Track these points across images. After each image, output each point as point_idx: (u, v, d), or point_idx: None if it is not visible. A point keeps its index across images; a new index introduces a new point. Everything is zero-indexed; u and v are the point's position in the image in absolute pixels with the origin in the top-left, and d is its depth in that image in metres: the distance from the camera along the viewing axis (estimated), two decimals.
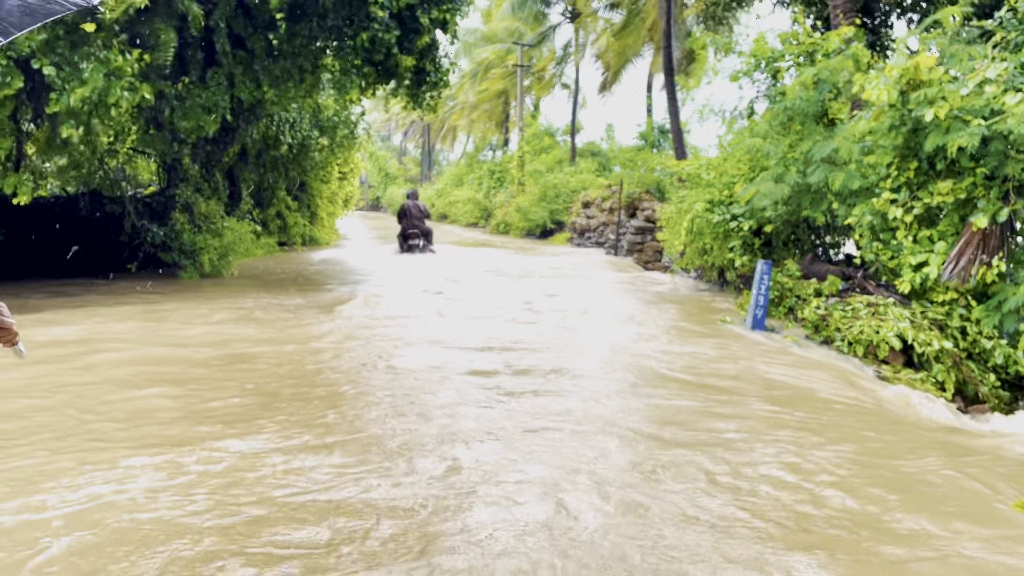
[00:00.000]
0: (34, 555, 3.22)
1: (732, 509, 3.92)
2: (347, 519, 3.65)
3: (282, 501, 3.84)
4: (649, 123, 31.81)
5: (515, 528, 3.62)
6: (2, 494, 3.81)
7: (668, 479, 4.31)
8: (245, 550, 3.32)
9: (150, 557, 3.23)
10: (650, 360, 7.57)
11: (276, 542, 3.41)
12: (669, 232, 14.23)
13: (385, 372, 6.82)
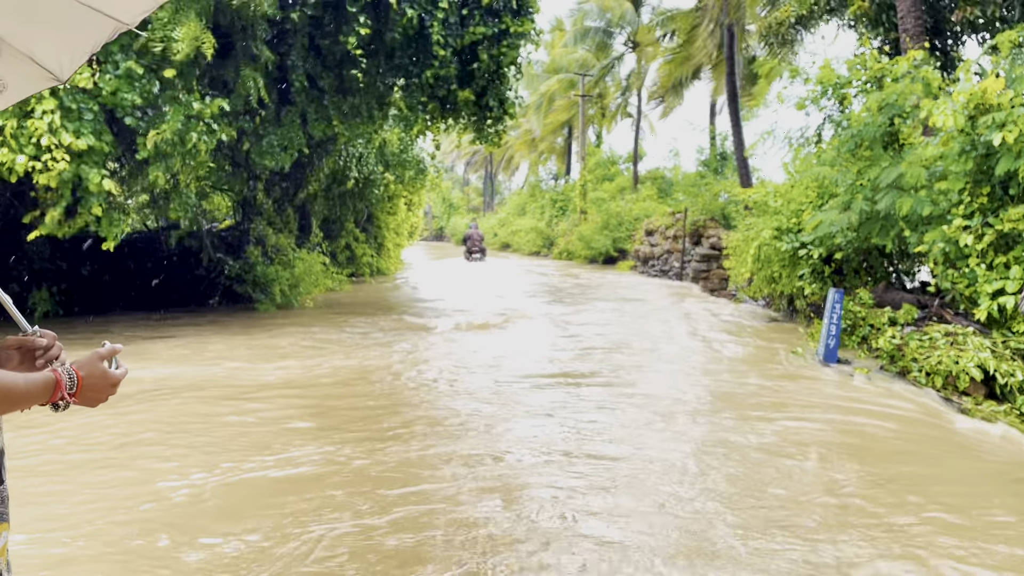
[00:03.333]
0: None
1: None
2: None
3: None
4: (712, 149, 31.60)
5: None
6: (172, 475, 4.80)
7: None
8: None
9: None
10: (720, 391, 7.51)
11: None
12: (735, 260, 14.10)
13: (475, 398, 6.93)
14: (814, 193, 11.55)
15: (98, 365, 1.65)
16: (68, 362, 1.67)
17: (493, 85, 14.59)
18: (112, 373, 1.67)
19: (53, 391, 1.58)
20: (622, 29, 35.97)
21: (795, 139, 12.36)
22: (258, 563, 3.64)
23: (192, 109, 10.39)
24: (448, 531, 4.02)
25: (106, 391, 1.67)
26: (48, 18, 1.83)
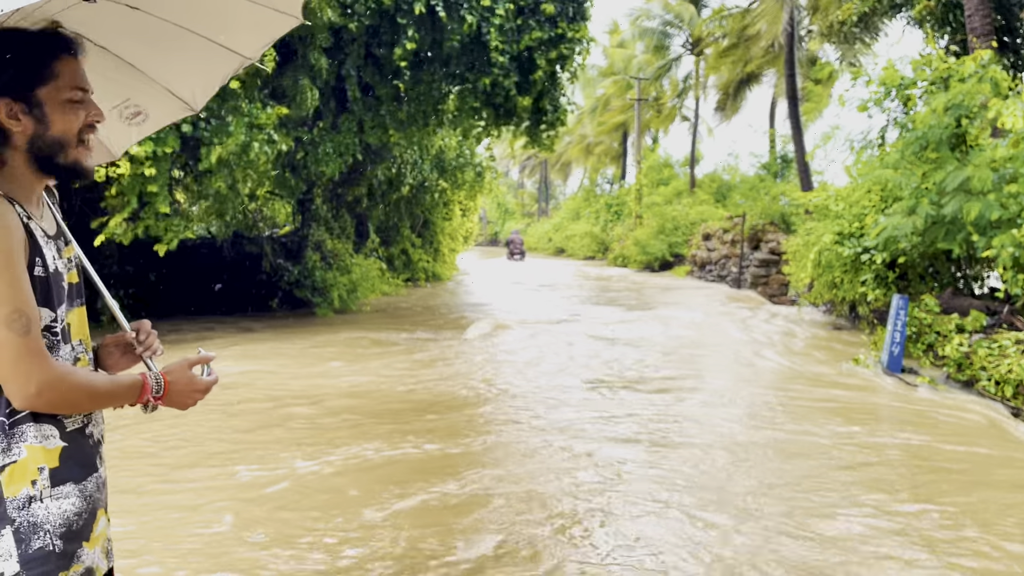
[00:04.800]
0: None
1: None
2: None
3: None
4: (772, 152, 31.07)
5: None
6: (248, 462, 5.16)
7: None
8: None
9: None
10: (780, 399, 7.37)
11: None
12: (795, 265, 13.83)
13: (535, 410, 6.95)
14: (877, 197, 11.27)
15: (186, 371, 1.73)
16: (158, 366, 1.76)
17: (548, 90, 14.60)
18: (199, 380, 1.75)
19: (139, 393, 1.68)
20: (681, 30, 35.64)
21: (857, 142, 12.07)
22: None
23: (255, 119, 10.64)
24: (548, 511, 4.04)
25: (192, 396, 1.75)
26: (187, 56, 1.99)
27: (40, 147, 1.64)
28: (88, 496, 1.69)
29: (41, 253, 1.64)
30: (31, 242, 1.62)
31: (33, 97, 1.61)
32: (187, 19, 1.89)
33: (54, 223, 1.74)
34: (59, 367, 1.59)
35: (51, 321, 1.63)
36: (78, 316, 1.74)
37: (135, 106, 2.11)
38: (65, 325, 1.68)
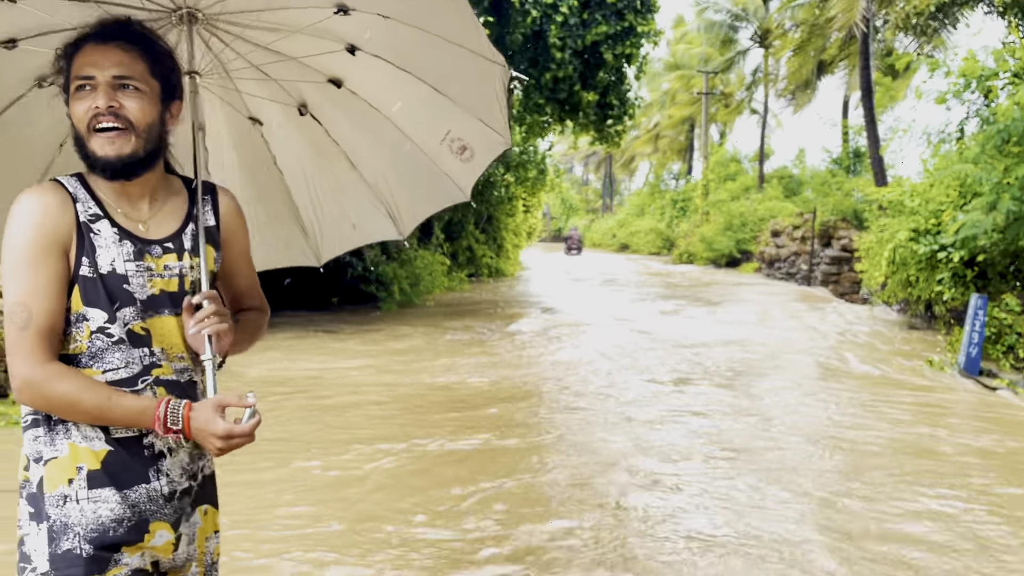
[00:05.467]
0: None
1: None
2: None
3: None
4: (844, 146, 30.22)
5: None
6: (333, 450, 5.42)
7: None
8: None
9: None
10: (854, 402, 7.18)
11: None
12: (868, 262, 13.43)
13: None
14: (955, 192, 10.85)
15: (207, 411, 1.54)
16: (183, 402, 1.58)
17: (615, 85, 14.50)
18: (216, 424, 1.53)
19: (151, 423, 1.55)
20: (748, 22, 34.93)
21: (934, 135, 11.66)
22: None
23: None
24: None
25: (208, 441, 1.55)
26: (482, 84, 2.03)
27: (76, 139, 1.64)
28: (133, 505, 1.62)
29: (92, 254, 1.61)
30: (80, 241, 1.60)
31: (68, 94, 1.64)
32: (464, 39, 1.91)
33: (170, 227, 1.71)
34: (47, 369, 1.54)
35: (105, 323, 1.59)
36: (163, 324, 1.65)
37: (459, 139, 2.17)
38: (132, 330, 1.61)
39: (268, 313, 1.99)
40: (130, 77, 1.61)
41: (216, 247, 1.79)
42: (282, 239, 2.43)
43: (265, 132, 2.23)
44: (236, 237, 1.86)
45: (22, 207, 1.59)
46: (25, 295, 1.54)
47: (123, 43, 1.61)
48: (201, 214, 1.73)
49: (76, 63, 1.61)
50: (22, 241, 1.56)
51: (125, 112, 1.60)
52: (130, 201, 1.69)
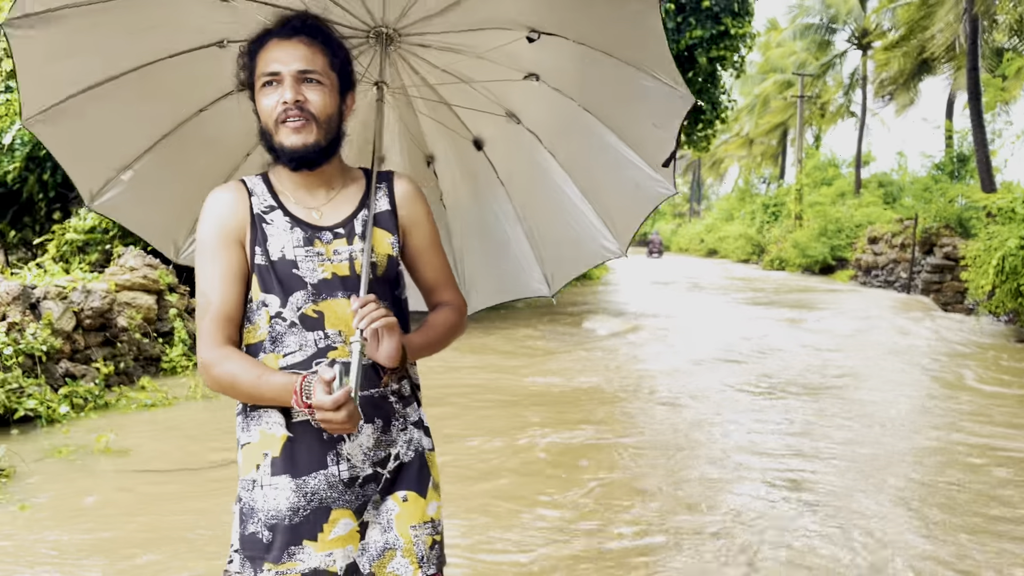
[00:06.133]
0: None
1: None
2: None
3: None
4: (948, 150, 29.04)
5: None
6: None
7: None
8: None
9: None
10: (959, 415, 7.00)
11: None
12: (975, 271, 12.95)
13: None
14: None
15: (314, 386, 1.51)
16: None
17: (707, 88, 14.38)
18: (318, 398, 1.49)
19: (291, 397, 1.55)
20: (845, 24, 33.98)
21: None
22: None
23: None
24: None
25: (318, 415, 1.50)
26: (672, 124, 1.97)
27: (262, 133, 1.71)
28: (310, 493, 1.64)
29: (264, 243, 1.69)
30: (254, 232, 1.69)
31: (253, 90, 1.73)
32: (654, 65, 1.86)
33: (342, 213, 1.75)
34: (218, 352, 1.62)
35: (280, 307, 1.65)
36: (336, 306, 1.67)
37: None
38: (304, 314, 1.66)
39: (462, 311, 1.91)
40: (312, 71, 1.67)
41: (392, 231, 1.79)
42: (511, 268, 2.38)
43: (488, 152, 2.22)
44: (417, 223, 1.84)
45: (204, 206, 1.73)
46: (206, 285, 1.67)
47: (305, 38, 1.68)
48: (373, 200, 1.75)
49: (261, 59, 1.68)
50: (203, 236, 1.70)
51: (309, 105, 1.66)
52: (308, 190, 1.76)
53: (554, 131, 2.14)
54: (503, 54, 1.95)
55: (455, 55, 1.97)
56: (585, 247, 2.27)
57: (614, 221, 2.22)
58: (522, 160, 2.20)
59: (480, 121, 2.16)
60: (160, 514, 4.38)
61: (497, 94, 2.09)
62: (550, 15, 1.84)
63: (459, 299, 1.92)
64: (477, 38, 1.92)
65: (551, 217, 2.25)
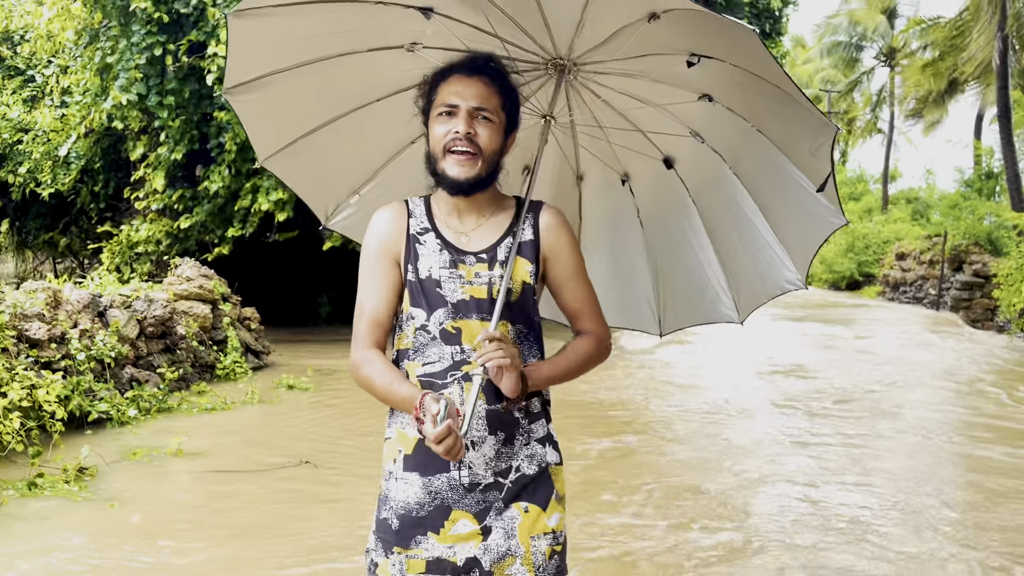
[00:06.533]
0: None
1: None
2: None
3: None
4: (977, 168, 28.99)
5: None
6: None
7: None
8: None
9: None
10: (991, 437, 7.14)
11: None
12: (1006, 289, 13.04)
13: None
14: None
15: (427, 416, 1.66)
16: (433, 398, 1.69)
17: None
18: (424, 429, 1.66)
19: (412, 410, 1.70)
20: (873, 42, 34.05)
21: None
22: None
23: None
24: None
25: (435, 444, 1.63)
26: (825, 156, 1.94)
27: (427, 158, 1.88)
28: (433, 492, 1.80)
29: (415, 261, 1.85)
30: (408, 251, 1.86)
31: (427, 117, 1.89)
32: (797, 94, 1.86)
33: (488, 239, 1.87)
34: (364, 355, 1.82)
35: (424, 321, 1.82)
36: (471, 326, 1.81)
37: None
38: (445, 329, 1.82)
39: (602, 341, 1.96)
40: (486, 109, 1.82)
41: (531, 260, 1.89)
42: (703, 290, 2.43)
43: (679, 171, 2.30)
44: (559, 253, 1.92)
45: (370, 222, 1.92)
46: (363, 294, 1.87)
47: (486, 78, 1.84)
48: (520, 229, 1.87)
49: (442, 90, 1.84)
50: (364, 250, 1.91)
51: (478, 139, 1.81)
52: (460, 216, 1.90)
53: (736, 152, 2.19)
54: (676, 77, 2.04)
55: (631, 80, 2.09)
56: (769, 275, 2.31)
57: (791, 249, 2.24)
58: (710, 179, 2.26)
59: (667, 141, 2.24)
60: (238, 511, 4.66)
61: (679, 115, 2.16)
62: (701, 40, 1.91)
63: (600, 328, 1.97)
64: (645, 64, 2.02)
65: (739, 239, 2.30)
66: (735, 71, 1.91)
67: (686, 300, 2.48)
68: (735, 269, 2.36)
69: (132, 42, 10.68)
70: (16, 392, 5.40)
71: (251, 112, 2.15)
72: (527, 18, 1.96)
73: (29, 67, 14.77)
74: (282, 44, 2.04)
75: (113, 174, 13.26)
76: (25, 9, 14.30)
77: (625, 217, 2.42)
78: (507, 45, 2.03)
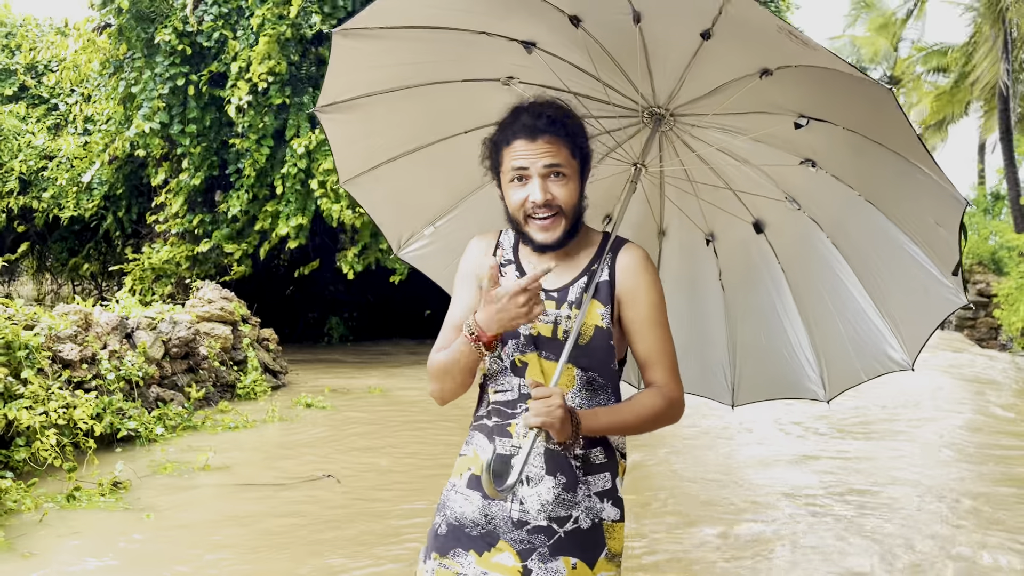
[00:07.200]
0: None
1: None
2: None
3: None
4: (981, 188, 29.21)
5: None
6: None
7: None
8: None
9: None
10: (1000, 455, 7.32)
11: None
12: (1007, 308, 13.25)
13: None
14: None
15: (487, 302, 1.70)
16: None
17: None
18: (495, 296, 1.67)
19: (469, 340, 1.73)
20: (877, 66, 34.43)
21: None
22: None
23: None
24: None
25: (507, 312, 1.66)
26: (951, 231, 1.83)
27: (510, 218, 1.86)
28: (488, 517, 1.79)
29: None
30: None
31: (500, 180, 1.88)
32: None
33: (565, 278, 1.85)
34: (432, 356, 1.88)
35: (499, 350, 1.82)
36: (536, 361, 1.81)
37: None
38: (514, 361, 1.83)
39: (670, 398, 1.82)
40: (558, 164, 1.77)
41: (605, 302, 1.82)
42: (785, 363, 2.31)
43: (769, 236, 2.21)
44: (635, 296, 1.83)
45: (467, 246, 2.00)
46: (450, 309, 1.95)
47: (549, 136, 1.77)
48: (600, 270, 1.83)
49: (507, 155, 1.81)
50: (459, 270, 1.98)
51: (557, 201, 1.78)
52: (541, 252, 1.87)
53: (836, 221, 2.09)
54: (777, 138, 1.98)
55: (730, 136, 2.03)
56: (867, 351, 2.18)
57: (899, 327, 2.11)
58: (803, 248, 2.16)
59: (760, 204, 2.16)
60: (265, 520, 4.93)
61: (776, 178, 2.09)
62: (814, 100, 1.83)
63: (670, 382, 1.84)
64: (747, 121, 1.96)
65: (832, 313, 2.19)
66: (849, 135, 1.83)
67: (765, 372, 2.36)
68: (826, 344, 2.24)
69: (156, 73, 11.12)
70: (53, 410, 5.71)
71: (339, 132, 2.17)
72: (630, 61, 1.90)
73: (52, 96, 15.24)
74: (381, 68, 2.03)
75: (135, 199, 13.66)
76: (50, 40, 14.80)
77: (706, 279, 2.35)
78: (607, 88, 2.00)
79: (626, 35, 1.85)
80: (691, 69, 1.85)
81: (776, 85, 1.79)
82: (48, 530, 4.59)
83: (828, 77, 1.67)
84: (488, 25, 1.95)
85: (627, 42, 1.87)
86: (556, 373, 1.74)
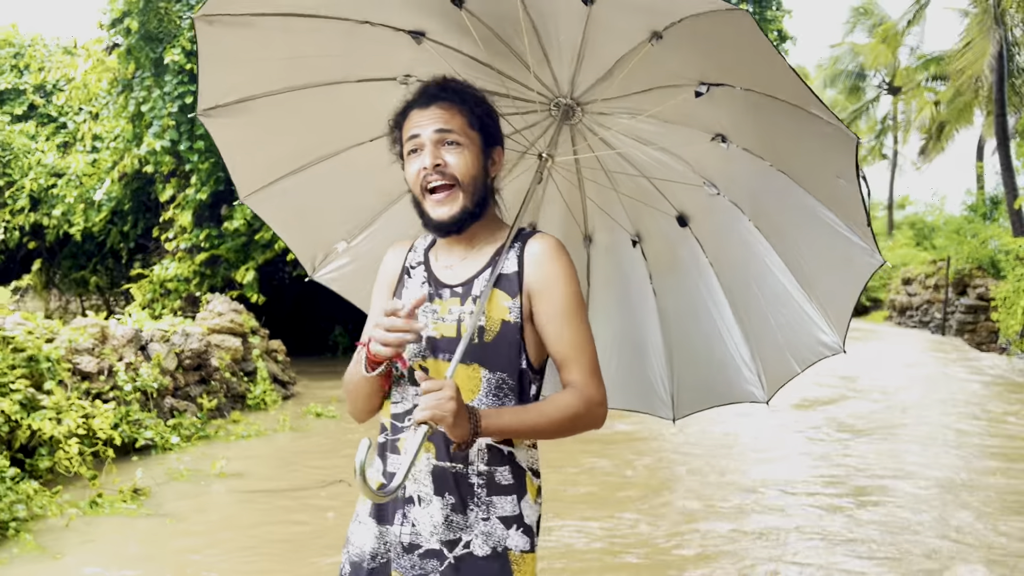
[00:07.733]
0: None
1: None
2: None
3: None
4: (980, 194, 29.36)
5: None
6: None
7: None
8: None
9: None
10: (1002, 459, 7.47)
11: None
12: (1005, 312, 13.39)
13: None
14: None
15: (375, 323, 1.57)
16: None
17: None
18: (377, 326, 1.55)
19: (363, 352, 1.61)
20: (877, 72, 34.70)
21: None
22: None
23: None
24: None
25: (380, 338, 1.52)
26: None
27: (413, 200, 1.71)
28: (386, 543, 1.65)
29: (400, 294, 1.74)
30: (399, 283, 1.76)
31: (404, 160, 1.71)
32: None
33: (464, 275, 1.68)
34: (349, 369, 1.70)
35: (385, 367, 1.62)
36: (438, 367, 1.62)
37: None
38: (412, 367, 1.64)
39: (587, 398, 1.60)
40: (450, 130, 1.62)
41: (512, 295, 1.63)
42: (723, 366, 2.19)
43: (694, 229, 2.09)
44: (546, 287, 1.62)
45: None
46: (368, 322, 1.85)
47: (443, 103, 1.65)
48: (505, 258, 1.65)
49: (404, 130, 1.68)
50: (376, 280, 1.85)
51: (450, 169, 1.62)
52: (449, 246, 1.73)
53: (755, 200, 1.98)
54: (685, 114, 1.86)
55: (638, 122, 1.90)
56: (800, 341, 2.07)
57: (827, 308, 2.00)
58: (728, 237, 2.04)
59: (682, 195, 2.04)
60: (279, 524, 5.11)
61: (691, 162, 1.98)
62: (709, 62, 1.73)
63: (588, 382, 1.62)
64: (651, 99, 1.84)
65: (763, 305, 2.07)
66: (745, 96, 1.72)
67: (703, 378, 2.23)
68: (760, 339, 2.12)
69: (165, 91, 11.36)
70: (74, 420, 5.90)
71: (230, 140, 1.95)
72: (522, 44, 1.76)
73: (61, 115, 15.50)
74: (264, 63, 1.85)
75: (142, 215, 13.88)
76: (59, 60, 15.07)
77: (638, 284, 2.20)
78: (505, 80, 1.87)
79: (514, 15, 1.72)
80: (586, 46, 1.73)
81: (670, 51, 1.68)
82: (74, 534, 4.77)
83: (713, 31, 1.58)
84: (368, 13, 1.77)
85: (517, 23, 1.73)
86: (451, 368, 1.54)
